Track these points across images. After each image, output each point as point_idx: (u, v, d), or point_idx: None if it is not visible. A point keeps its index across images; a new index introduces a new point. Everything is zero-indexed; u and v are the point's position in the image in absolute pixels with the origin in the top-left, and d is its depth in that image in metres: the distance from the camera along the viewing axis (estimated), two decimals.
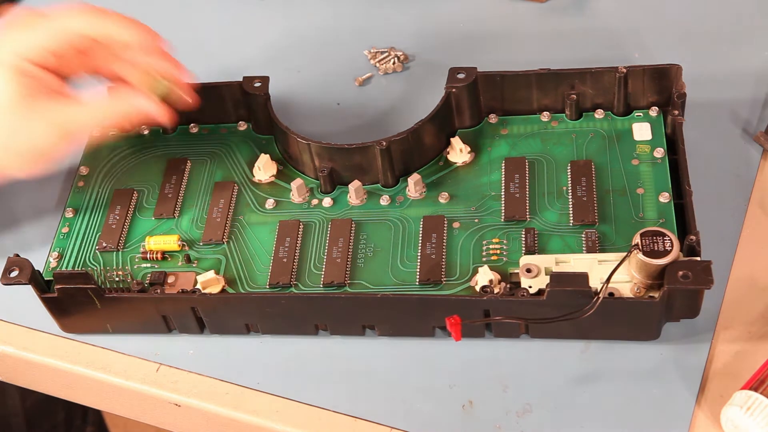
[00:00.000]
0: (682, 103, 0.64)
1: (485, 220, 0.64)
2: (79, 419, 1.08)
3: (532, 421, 0.57)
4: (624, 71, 0.65)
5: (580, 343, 0.60)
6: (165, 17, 0.84)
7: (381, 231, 0.64)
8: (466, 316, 0.55)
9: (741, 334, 0.59)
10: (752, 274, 0.62)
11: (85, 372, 0.63)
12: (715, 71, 0.72)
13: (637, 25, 0.77)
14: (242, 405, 0.60)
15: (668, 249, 0.56)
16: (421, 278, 0.61)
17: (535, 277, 0.58)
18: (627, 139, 0.66)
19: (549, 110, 0.68)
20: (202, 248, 0.65)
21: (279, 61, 0.79)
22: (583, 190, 0.63)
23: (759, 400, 0.53)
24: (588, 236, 0.61)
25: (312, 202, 0.66)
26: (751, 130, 0.69)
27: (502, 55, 0.76)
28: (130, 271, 0.64)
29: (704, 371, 0.58)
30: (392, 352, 0.61)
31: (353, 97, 0.75)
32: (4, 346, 0.65)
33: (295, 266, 0.63)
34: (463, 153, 0.67)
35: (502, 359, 0.60)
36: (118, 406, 0.65)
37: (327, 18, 0.82)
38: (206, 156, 0.70)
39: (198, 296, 0.61)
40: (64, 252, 0.66)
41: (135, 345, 0.63)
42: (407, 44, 0.78)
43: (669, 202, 0.62)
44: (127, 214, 0.67)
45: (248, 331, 0.63)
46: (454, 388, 0.59)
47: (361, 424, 0.59)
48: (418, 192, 0.66)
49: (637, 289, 0.57)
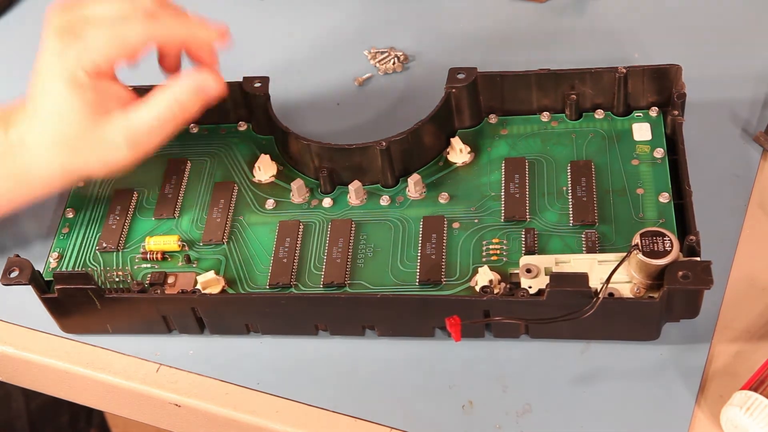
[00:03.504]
0: (682, 104, 0.64)
1: (485, 220, 0.64)
2: (82, 421, 1.08)
3: (532, 421, 0.57)
4: (624, 71, 0.65)
5: (580, 343, 0.60)
6: None
7: (381, 231, 0.64)
8: (466, 317, 0.55)
9: (741, 334, 0.59)
10: (752, 274, 0.62)
11: (85, 372, 0.63)
12: (715, 71, 0.72)
13: (637, 25, 0.77)
14: (242, 405, 0.60)
15: (668, 249, 0.56)
16: (421, 278, 0.61)
17: (535, 278, 0.58)
18: (627, 140, 0.66)
19: (549, 110, 0.68)
20: (202, 248, 0.65)
21: (279, 61, 0.79)
22: (583, 191, 0.63)
23: (759, 401, 0.53)
24: (588, 236, 0.61)
25: (312, 202, 0.66)
26: (751, 130, 0.69)
27: (502, 55, 0.76)
28: (130, 271, 0.64)
29: (704, 371, 0.58)
30: (392, 352, 0.61)
31: (353, 97, 0.75)
32: (4, 346, 0.65)
33: (295, 266, 0.63)
34: (463, 153, 0.67)
35: (502, 359, 0.60)
36: (118, 406, 0.65)
37: (327, 18, 0.82)
38: (206, 156, 0.70)
39: (198, 296, 0.61)
40: (64, 252, 0.66)
41: (135, 345, 0.63)
42: (407, 44, 0.78)
43: (669, 202, 0.62)
44: (127, 215, 0.67)
45: (248, 331, 0.63)
46: (454, 388, 0.59)
47: (361, 424, 0.59)
48: (418, 192, 0.66)
49: (637, 289, 0.57)
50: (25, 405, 1.00)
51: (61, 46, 0.60)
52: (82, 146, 0.61)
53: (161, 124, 0.61)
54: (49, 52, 0.61)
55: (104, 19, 0.61)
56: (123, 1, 0.61)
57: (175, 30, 0.62)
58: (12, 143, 0.62)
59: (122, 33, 0.60)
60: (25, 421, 1.00)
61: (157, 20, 0.61)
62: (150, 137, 0.61)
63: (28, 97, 0.62)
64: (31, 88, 0.62)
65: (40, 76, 0.61)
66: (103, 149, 0.61)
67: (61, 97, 0.60)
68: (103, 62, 0.60)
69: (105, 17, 0.61)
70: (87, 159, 0.61)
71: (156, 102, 0.61)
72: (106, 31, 0.60)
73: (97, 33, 0.60)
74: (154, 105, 0.61)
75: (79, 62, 0.60)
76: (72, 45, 0.60)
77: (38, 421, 1.01)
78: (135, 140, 0.61)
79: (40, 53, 0.61)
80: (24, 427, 1.00)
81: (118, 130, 0.60)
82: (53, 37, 0.61)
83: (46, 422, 1.03)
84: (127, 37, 0.61)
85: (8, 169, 0.62)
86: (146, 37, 0.61)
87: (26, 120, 0.62)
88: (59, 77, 0.60)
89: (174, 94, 0.62)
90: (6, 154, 0.62)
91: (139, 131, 0.61)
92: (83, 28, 0.60)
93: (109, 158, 0.61)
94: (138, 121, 0.61)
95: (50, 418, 1.04)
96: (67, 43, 0.60)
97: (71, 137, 0.60)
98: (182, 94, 0.62)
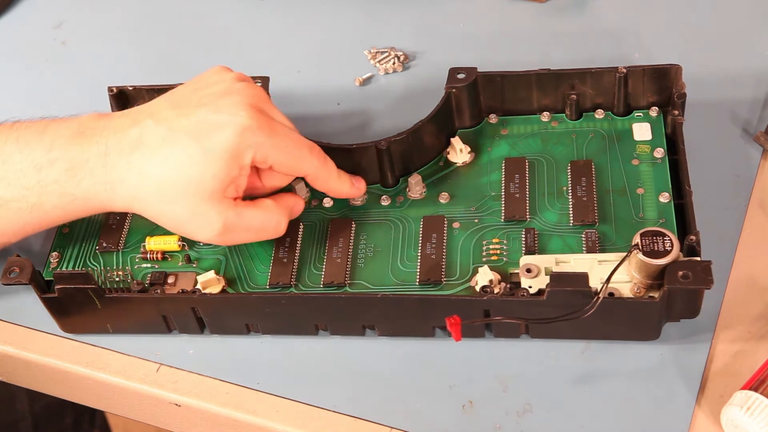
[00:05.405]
0: (682, 103, 0.64)
1: (485, 220, 0.64)
2: (86, 423, 1.08)
3: (532, 421, 0.57)
4: (624, 71, 0.65)
5: (580, 343, 0.60)
6: (166, 18, 0.84)
7: (381, 231, 0.64)
8: (466, 316, 0.55)
9: (741, 334, 0.59)
10: (752, 274, 0.62)
11: (85, 372, 0.63)
12: (715, 71, 0.72)
13: (637, 25, 0.77)
14: (242, 405, 0.60)
15: (668, 249, 0.56)
16: (421, 278, 0.61)
17: (535, 277, 0.58)
18: (627, 139, 0.66)
19: (549, 110, 0.68)
20: (202, 248, 0.65)
21: (279, 61, 0.79)
22: (583, 190, 0.63)
23: (759, 400, 0.53)
24: (588, 236, 0.61)
25: (312, 202, 0.66)
26: (751, 130, 0.69)
27: (502, 55, 0.76)
28: (130, 271, 0.64)
29: (704, 371, 0.58)
30: (392, 352, 0.61)
31: (353, 97, 0.75)
32: (4, 346, 0.65)
33: (295, 266, 0.63)
34: (463, 153, 0.67)
35: (502, 359, 0.60)
36: (118, 406, 0.65)
37: (327, 18, 0.82)
38: None
39: (198, 296, 0.61)
40: (64, 252, 0.66)
41: (135, 345, 0.63)
42: (407, 44, 0.78)
43: (669, 202, 0.62)
44: (128, 214, 0.67)
45: (248, 331, 0.63)
46: (454, 388, 0.59)
47: (361, 424, 0.59)
48: (418, 192, 0.66)
49: (637, 289, 0.57)
50: (29, 406, 1.00)
51: (252, 122, 0.58)
52: (188, 208, 0.59)
53: (255, 235, 0.61)
54: (239, 110, 0.59)
55: (289, 130, 0.61)
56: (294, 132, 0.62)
57: (333, 181, 0.63)
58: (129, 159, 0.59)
59: (301, 156, 0.61)
60: (29, 422, 1.00)
61: (326, 162, 0.62)
62: (239, 238, 0.61)
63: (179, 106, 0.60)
64: (192, 108, 0.60)
65: (214, 107, 0.59)
66: (199, 221, 0.59)
67: (216, 152, 0.58)
68: (270, 164, 0.60)
69: (291, 130, 0.61)
70: (179, 218, 0.60)
71: (262, 213, 0.61)
72: (289, 142, 0.60)
73: (284, 139, 0.60)
74: (260, 215, 0.61)
75: (259, 146, 0.59)
76: (264, 130, 0.59)
77: (42, 423, 1.01)
78: (228, 233, 0.60)
79: (224, 95, 0.60)
80: (28, 428, 1.00)
81: (223, 216, 0.59)
82: (246, 107, 0.59)
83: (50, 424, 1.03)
84: (301, 162, 0.61)
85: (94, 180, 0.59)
86: (311, 173, 0.62)
87: (155, 143, 0.59)
88: (232, 134, 0.58)
89: (277, 218, 0.62)
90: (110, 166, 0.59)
91: (236, 229, 0.60)
92: (274, 127, 0.60)
93: (194, 231, 0.60)
94: (241, 222, 0.60)
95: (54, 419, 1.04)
96: (260, 125, 0.59)
97: (185, 193, 0.58)
98: (282, 222, 0.62)
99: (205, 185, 0.58)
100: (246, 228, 0.60)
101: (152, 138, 0.59)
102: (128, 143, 0.59)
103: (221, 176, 0.58)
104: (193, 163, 0.58)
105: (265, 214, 0.61)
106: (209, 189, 0.58)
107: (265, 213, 0.61)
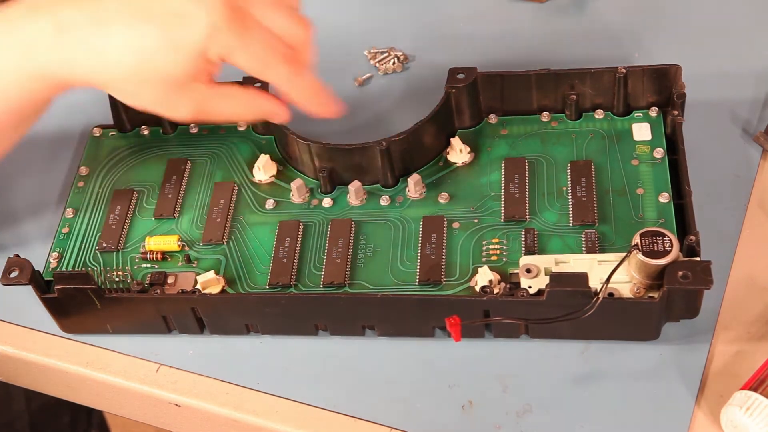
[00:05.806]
0: (681, 103, 0.64)
1: (485, 220, 0.64)
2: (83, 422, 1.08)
3: (532, 421, 0.57)
4: (624, 71, 0.65)
5: (580, 343, 0.60)
6: None
7: (381, 231, 0.64)
8: (465, 317, 0.55)
9: (741, 334, 0.59)
10: (752, 274, 0.62)
11: (85, 372, 0.63)
12: (715, 71, 0.72)
13: (637, 25, 0.77)
14: (242, 405, 0.60)
15: (668, 249, 0.56)
16: (420, 278, 0.61)
17: (534, 278, 0.58)
18: (627, 140, 0.66)
19: (549, 110, 0.68)
20: (202, 248, 0.65)
21: None
22: (582, 191, 0.63)
23: (758, 400, 0.53)
24: (588, 236, 0.61)
25: (312, 202, 0.66)
26: (751, 130, 0.69)
27: (502, 55, 0.76)
28: (130, 271, 0.64)
29: (704, 371, 0.58)
30: (392, 352, 0.61)
31: (353, 97, 0.75)
32: (4, 346, 0.65)
33: (295, 266, 0.63)
34: (463, 153, 0.67)
35: (502, 359, 0.60)
36: (118, 406, 0.65)
37: (327, 18, 0.82)
38: (206, 156, 0.70)
39: (198, 296, 0.61)
40: (64, 252, 0.66)
41: (135, 345, 0.63)
42: (407, 44, 0.78)
43: (669, 202, 0.62)
44: (127, 215, 0.67)
45: (248, 331, 0.63)
46: (454, 388, 0.59)
47: (361, 424, 0.59)
48: (418, 192, 0.66)
49: (637, 289, 0.57)
50: (26, 406, 1.00)
51: (222, 22, 0.56)
52: (156, 95, 0.58)
53: (226, 117, 0.61)
54: (209, 11, 0.56)
55: (266, 33, 0.58)
56: (290, 23, 0.60)
57: (301, 95, 0.61)
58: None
59: (268, 63, 0.59)
60: (26, 422, 1.00)
61: (297, 76, 0.60)
62: (217, 115, 0.61)
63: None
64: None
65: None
66: (169, 106, 0.59)
67: (182, 48, 0.56)
68: (235, 63, 0.58)
69: (268, 33, 0.59)
70: (146, 103, 0.59)
71: (234, 102, 0.61)
72: (259, 48, 0.58)
73: (255, 43, 0.58)
74: (231, 103, 0.60)
75: (226, 48, 0.57)
76: (234, 31, 0.57)
77: (39, 422, 1.01)
78: (202, 113, 0.59)
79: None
80: (25, 428, 1.00)
81: (194, 99, 0.59)
82: (222, 7, 0.56)
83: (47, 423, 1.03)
84: (267, 70, 0.59)
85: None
86: (282, 83, 0.60)
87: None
88: (200, 32, 0.56)
89: (251, 105, 0.61)
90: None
91: (210, 104, 0.59)
92: (247, 28, 0.57)
93: (165, 114, 0.60)
94: (210, 106, 0.59)
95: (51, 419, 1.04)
96: (230, 26, 0.56)
97: (152, 81, 0.57)
98: (255, 113, 0.62)
99: (173, 76, 0.57)
100: (221, 102, 0.60)
101: (114, 16, 0.57)
102: (85, 17, 0.57)
103: (189, 69, 0.57)
104: (159, 54, 0.56)
105: (238, 89, 0.61)
106: (177, 79, 0.57)
107: (238, 88, 0.61)
